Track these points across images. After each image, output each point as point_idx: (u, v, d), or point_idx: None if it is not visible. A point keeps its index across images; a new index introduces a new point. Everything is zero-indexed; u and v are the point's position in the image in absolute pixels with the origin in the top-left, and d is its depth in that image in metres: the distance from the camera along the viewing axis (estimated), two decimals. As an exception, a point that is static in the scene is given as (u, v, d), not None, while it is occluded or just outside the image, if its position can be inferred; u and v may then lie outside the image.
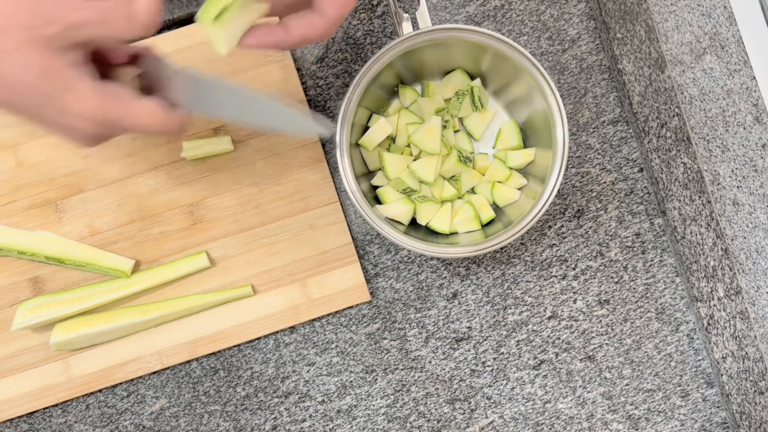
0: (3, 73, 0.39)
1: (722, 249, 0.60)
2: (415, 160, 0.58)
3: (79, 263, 0.59)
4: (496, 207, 0.60)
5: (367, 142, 0.58)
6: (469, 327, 0.62)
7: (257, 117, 0.48)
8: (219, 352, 0.62)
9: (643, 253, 0.63)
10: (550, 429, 0.62)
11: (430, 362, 0.62)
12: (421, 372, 0.62)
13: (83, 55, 0.41)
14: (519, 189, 0.59)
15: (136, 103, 0.43)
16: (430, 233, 0.59)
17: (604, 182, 0.63)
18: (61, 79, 0.40)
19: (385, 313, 0.62)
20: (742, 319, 0.60)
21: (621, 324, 0.63)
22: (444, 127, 0.59)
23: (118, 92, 0.43)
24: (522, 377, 0.62)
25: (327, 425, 0.62)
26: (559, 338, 0.62)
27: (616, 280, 0.63)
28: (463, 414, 0.62)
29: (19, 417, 0.61)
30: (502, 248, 0.63)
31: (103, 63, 0.45)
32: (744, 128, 0.63)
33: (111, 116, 0.42)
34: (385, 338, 0.62)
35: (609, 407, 0.62)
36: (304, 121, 0.47)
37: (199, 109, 0.47)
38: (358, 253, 0.62)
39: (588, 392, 0.62)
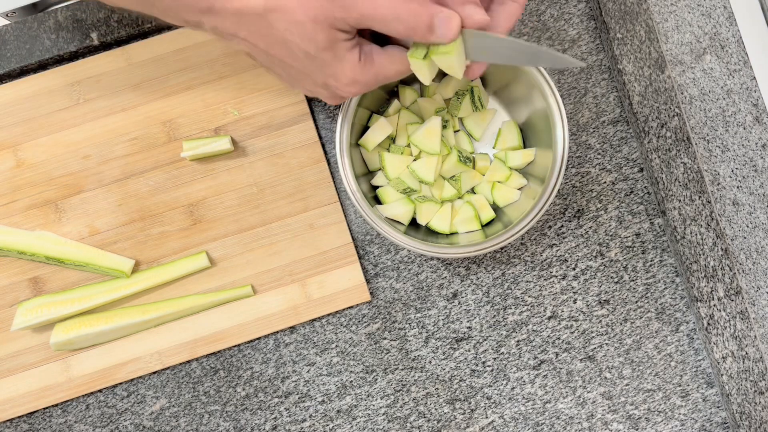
0: (288, 40, 0.43)
1: (722, 249, 0.60)
2: (415, 160, 0.58)
3: (79, 263, 0.59)
4: (496, 207, 0.60)
5: (367, 142, 0.58)
6: (469, 327, 0.62)
7: (512, 58, 0.48)
8: (219, 352, 0.62)
9: (643, 253, 0.63)
10: (550, 429, 0.62)
11: (430, 362, 0.62)
12: (421, 372, 0.62)
13: (354, 29, 0.45)
14: (519, 189, 0.59)
15: (383, 56, 0.46)
16: (430, 233, 0.59)
17: (604, 182, 0.63)
18: (336, 53, 0.44)
19: (385, 313, 0.62)
20: (742, 319, 0.60)
21: (621, 324, 0.63)
22: (444, 127, 0.59)
23: (371, 51, 0.46)
24: (522, 377, 0.62)
25: (327, 425, 0.62)
26: (559, 338, 0.62)
27: (616, 280, 0.63)
28: (463, 414, 0.62)
29: (19, 417, 0.61)
30: (502, 248, 0.63)
31: None
32: (744, 128, 0.63)
33: (368, 76, 0.46)
34: (385, 338, 0.62)
35: (609, 407, 0.62)
36: (559, 59, 0.47)
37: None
38: (358, 253, 0.62)
39: (588, 392, 0.62)
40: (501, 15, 0.47)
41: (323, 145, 0.63)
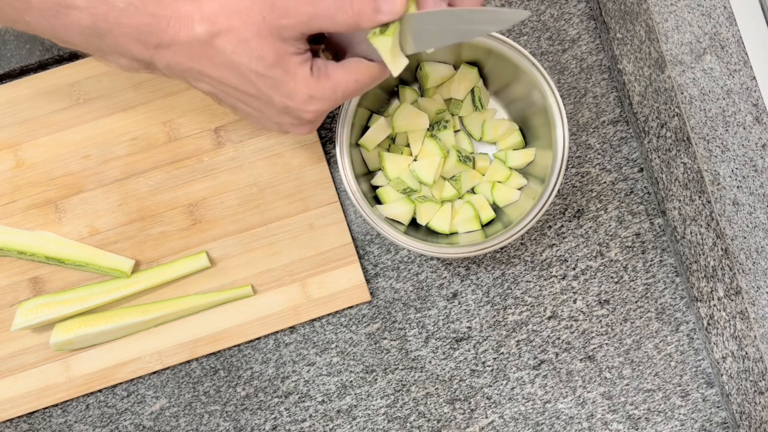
0: (238, 63, 0.43)
1: (722, 249, 0.60)
2: (415, 160, 0.59)
3: (79, 263, 0.59)
4: (496, 207, 0.60)
5: (367, 142, 0.58)
6: (469, 327, 0.62)
7: (458, 33, 0.46)
8: (219, 352, 0.62)
9: (643, 253, 0.63)
10: (550, 429, 0.62)
11: (430, 362, 0.62)
12: (421, 372, 0.62)
13: (305, 42, 0.44)
14: (519, 189, 0.59)
15: (340, 68, 0.45)
16: (430, 233, 0.59)
17: (604, 182, 0.63)
18: (287, 67, 0.43)
19: (385, 313, 0.62)
20: (742, 319, 0.60)
21: (621, 324, 0.63)
22: (444, 127, 0.59)
23: (325, 65, 0.45)
24: (522, 377, 0.62)
25: (327, 425, 0.62)
26: (559, 338, 0.62)
27: (616, 280, 0.63)
28: (463, 414, 0.62)
29: (19, 417, 0.61)
30: (502, 248, 0.63)
31: None
32: (744, 128, 0.63)
33: (326, 90, 0.45)
34: (385, 338, 0.62)
35: (609, 407, 0.62)
36: (502, 15, 0.45)
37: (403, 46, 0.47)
38: (358, 253, 0.62)
39: (588, 392, 0.62)
40: None
41: (323, 145, 0.63)
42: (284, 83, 0.44)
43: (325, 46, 0.49)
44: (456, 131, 0.61)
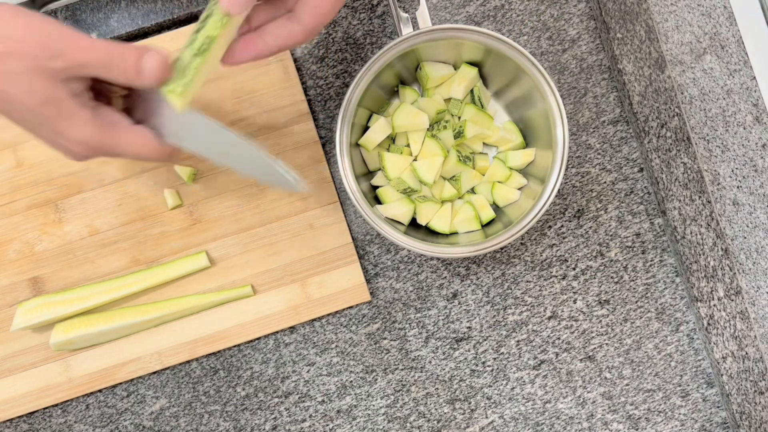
0: (5, 92, 0.41)
1: (722, 249, 0.60)
2: (415, 160, 0.59)
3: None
4: (496, 207, 0.60)
5: (367, 142, 0.58)
6: (469, 327, 0.62)
7: (239, 163, 0.50)
8: (219, 352, 0.62)
9: (643, 253, 0.63)
10: (550, 429, 0.62)
11: (430, 362, 0.62)
12: (421, 372, 0.62)
13: (85, 83, 0.43)
14: (519, 189, 0.59)
15: (128, 131, 0.45)
16: (430, 233, 0.59)
17: (604, 182, 0.63)
18: (60, 107, 0.42)
19: (385, 313, 0.62)
20: (742, 319, 0.60)
21: (621, 324, 0.63)
22: (444, 127, 0.59)
23: (112, 119, 0.45)
24: (522, 377, 0.62)
25: (327, 425, 0.62)
26: (559, 338, 0.62)
27: (616, 280, 0.63)
28: (463, 414, 0.62)
29: (19, 417, 0.61)
30: (502, 248, 0.63)
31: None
32: (744, 128, 0.63)
33: (104, 144, 0.44)
34: (385, 338, 0.62)
35: (609, 407, 0.62)
36: (281, 175, 0.50)
37: (183, 143, 0.48)
38: (358, 253, 0.62)
39: (588, 392, 0.62)
40: (272, 31, 0.45)
41: (323, 145, 0.63)
42: (55, 122, 0.42)
43: (127, 96, 0.48)
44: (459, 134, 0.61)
